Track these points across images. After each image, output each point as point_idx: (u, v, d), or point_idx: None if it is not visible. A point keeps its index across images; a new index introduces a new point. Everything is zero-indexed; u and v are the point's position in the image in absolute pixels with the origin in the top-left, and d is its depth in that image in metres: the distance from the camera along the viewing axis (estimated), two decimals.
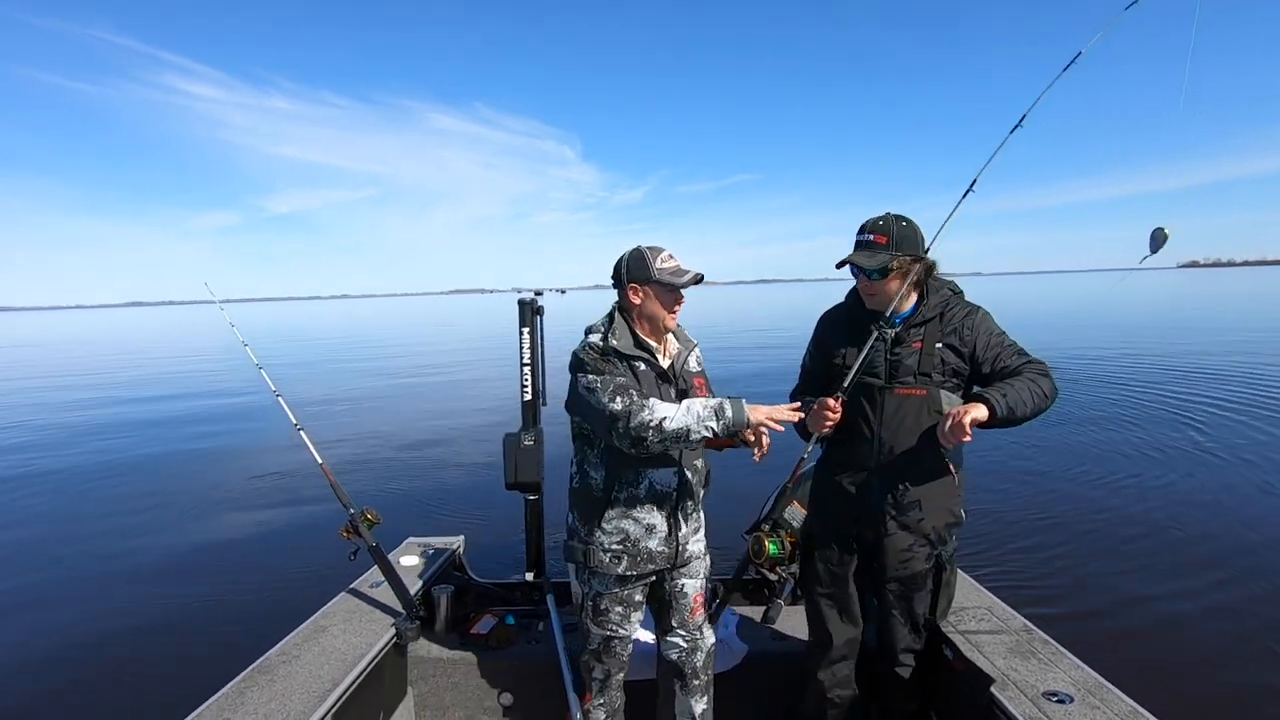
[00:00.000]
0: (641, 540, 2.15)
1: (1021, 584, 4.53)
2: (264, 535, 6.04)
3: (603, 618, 2.23)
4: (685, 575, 2.27)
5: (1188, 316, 31.20)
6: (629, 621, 2.25)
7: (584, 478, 2.20)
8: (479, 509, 6.42)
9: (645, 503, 2.14)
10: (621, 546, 2.15)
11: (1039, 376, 2.02)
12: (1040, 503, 6.25)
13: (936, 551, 2.19)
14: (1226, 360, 15.30)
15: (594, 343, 2.12)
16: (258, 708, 2.11)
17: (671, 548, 2.19)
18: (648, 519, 2.15)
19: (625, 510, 2.14)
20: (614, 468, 2.13)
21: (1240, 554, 5.01)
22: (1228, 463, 7.33)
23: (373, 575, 3.04)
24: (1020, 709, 2.01)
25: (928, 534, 2.16)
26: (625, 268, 2.15)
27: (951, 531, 2.22)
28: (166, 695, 3.55)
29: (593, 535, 2.16)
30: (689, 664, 2.32)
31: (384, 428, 10.56)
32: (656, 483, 2.14)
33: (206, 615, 4.54)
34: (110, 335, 44.00)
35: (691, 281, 2.12)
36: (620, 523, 2.15)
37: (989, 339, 2.11)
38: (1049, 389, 2.02)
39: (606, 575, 2.18)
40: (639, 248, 2.15)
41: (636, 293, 2.14)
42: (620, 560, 2.15)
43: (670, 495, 2.17)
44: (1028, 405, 1.96)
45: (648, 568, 2.18)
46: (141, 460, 9.03)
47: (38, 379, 18.91)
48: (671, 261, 2.13)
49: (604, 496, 2.15)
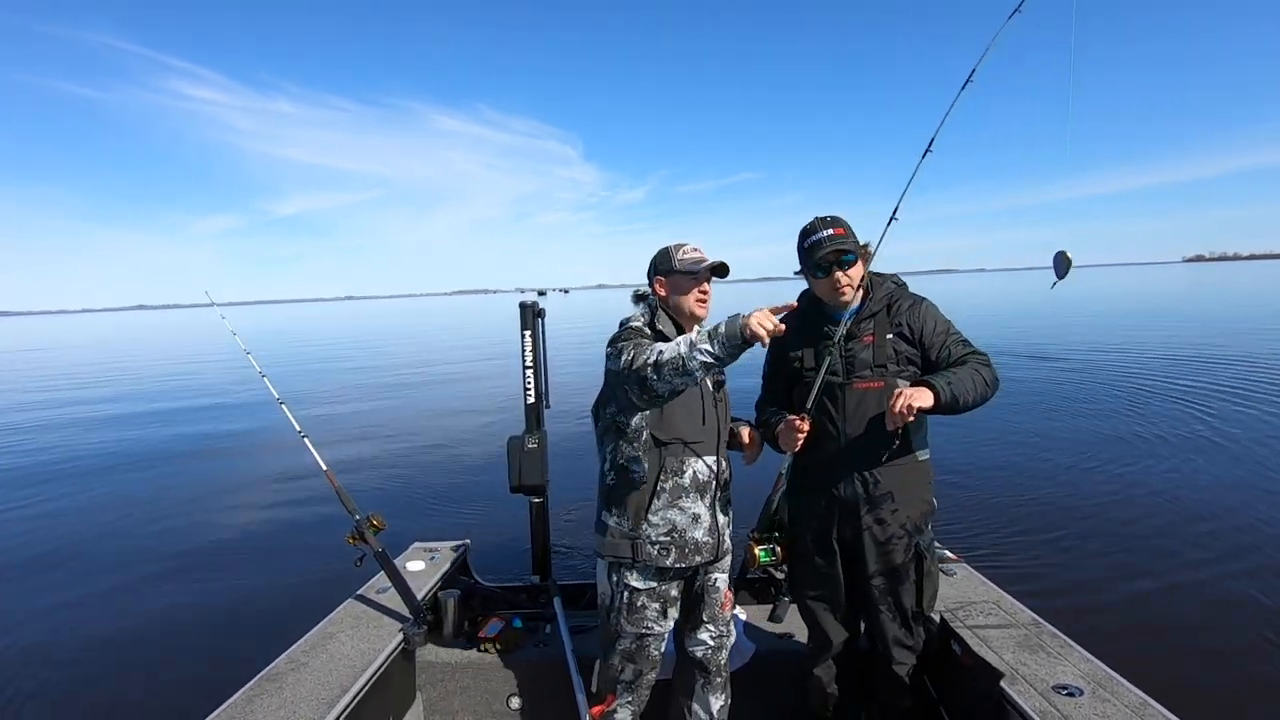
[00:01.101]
0: (688, 530, 2.13)
1: (1029, 577, 4.51)
2: (270, 543, 6.05)
3: (638, 615, 2.18)
4: (719, 569, 2.28)
5: (1196, 309, 31.07)
6: (664, 618, 2.21)
7: (622, 472, 2.15)
8: (484, 512, 6.43)
9: (690, 492, 2.13)
10: (669, 538, 2.12)
11: (981, 366, 2.10)
12: (1047, 495, 6.23)
13: (915, 541, 2.20)
14: (1237, 351, 15.25)
15: (636, 323, 2.16)
16: (266, 716, 2.11)
17: (715, 538, 2.19)
18: (693, 508, 2.14)
19: (671, 500, 2.12)
20: (659, 458, 2.11)
21: (1252, 547, 4.98)
22: (1240, 454, 7.29)
23: (379, 581, 3.05)
24: (1030, 703, 2.00)
25: (904, 524, 2.18)
26: (653, 264, 2.23)
27: (927, 520, 2.24)
28: (174, 705, 3.56)
29: (639, 528, 2.12)
30: (714, 660, 2.31)
31: (388, 432, 10.58)
32: (699, 472, 2.14)
33: (212, 623, 4.55)
34: (115, 340, 44.07)
35: (709, 269, 2.15)
36: (667, 513, 2.12)
37: (934, 326, 2.17)
38: (991, 379, 2.09)
39: (648, 569, 2.15)
40: (665, 246, 2.22)
41: (662, 285, 2.21)
42: (669, 552, 2.13)
43: (711, 484, 2.17)
44: (970, 394, 2.03)
45: (694, 560, 2.16)
46: (145, 468, 9.05)
47: (38, 387, 18.97)
48: (695, 253, 2.18)
49: (650, 487, 2.12)
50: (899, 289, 2.25)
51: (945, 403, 1.99)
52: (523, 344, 3.17)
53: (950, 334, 2.18)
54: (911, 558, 2.20)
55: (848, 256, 2.14)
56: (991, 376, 2.10)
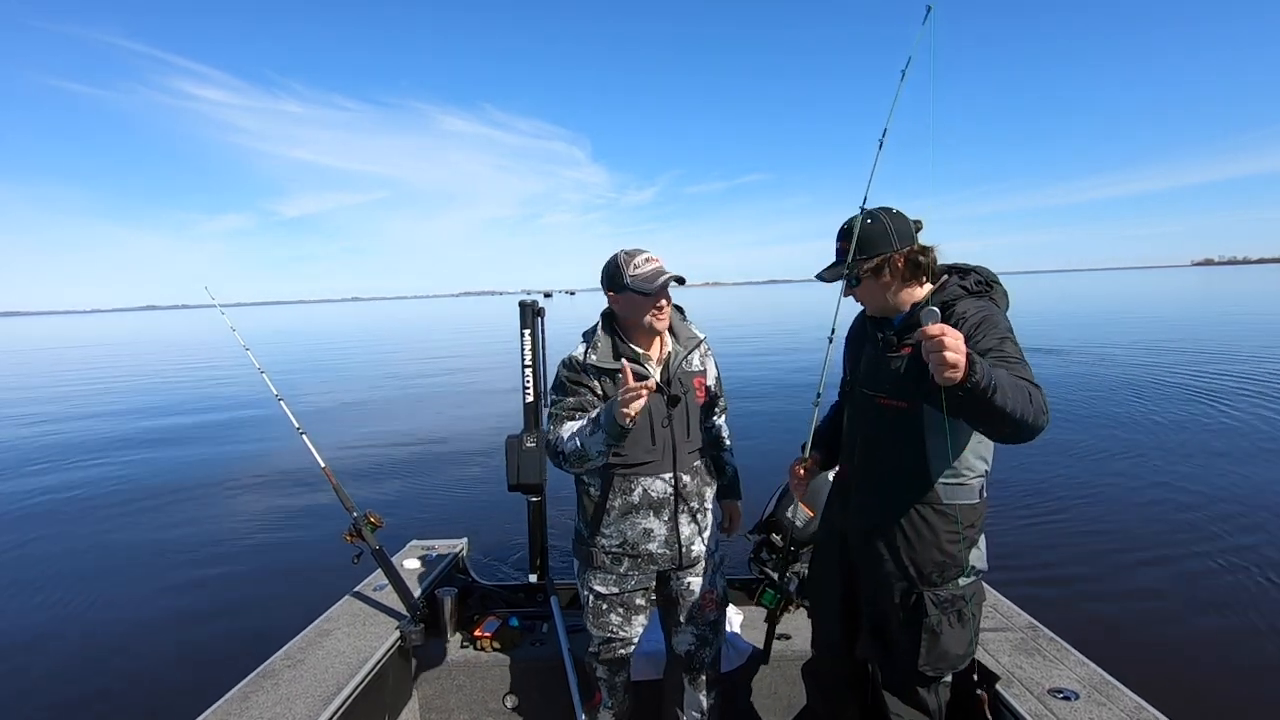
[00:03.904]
0: (640, 543, 2.16)
1: (1026, 581, 4.50)
2: (267, 540, 6.06)
3: (603, 619, 2.25)
4: (692, 574, 2.26)
5: (1196, 314, 30.98)
6: (629, 624, 2.26)
7: (580, 484, 2.23)
8: (482, 511, 6.42)
9: (642, 508, 2.14)
10: (621, 549, 2.17)
11: (1035, 390, 1.61)
12: (1044, 498, 6.21)
13: (919, 591, 1.85)
14: (1236, 351, 15.20)
15: (573, 357, 2.14)
16: (262, 713, 2.12)
17: (673, 549, 2.18)
18: (645, 524, 2.15)
19: (621, 515, 2.15)
20: (608, 477, 2.14)
21: (1252, 550, 4.97)
22: (1242, 457, 7.27)
23: (376, 579, 3.05)
24: (1026, 706, 2.00)
25: (905, 566, 1.86)
26: (605, 274, 2.12)
27: (944, 573, 1.85)
28: (170, 702, 3.57)
29: (594, 538, 2.19)
30: (698, 658, 2.32)
31: (387, 430, 10.59)
32: (651, 490, 2.14)
33: (209, 620, 4.55)
34: (122, 340, 44.21)
35: (662, 288, 2.03)
36: (619, 526, 2.16)
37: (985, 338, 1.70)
38: (1040, 405, 1.59)
39: (608, 575, 2.20)
40: (616, 254, 2.10)
41: (615, 300, 2.11)
42: (621, 561, 2.18)
43: (668, 500, 2.16)
44: (1011, 398, 1.50)
45: (649, 569, 2.19)
46: (144, 466, 9.07)
47: (43, 385, 19.04)
48: (648, 265, 2.05)
49: (600, 503, 2.17)
50: (969, 296, 1.84)
51: (979, 383, 1.43)
52: (522, 343, 3.17)
53: (1001, 350, 1.69)
54: (912, 605, 1.86)
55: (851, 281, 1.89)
56: (1041, 403, 1.59)
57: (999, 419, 1.51)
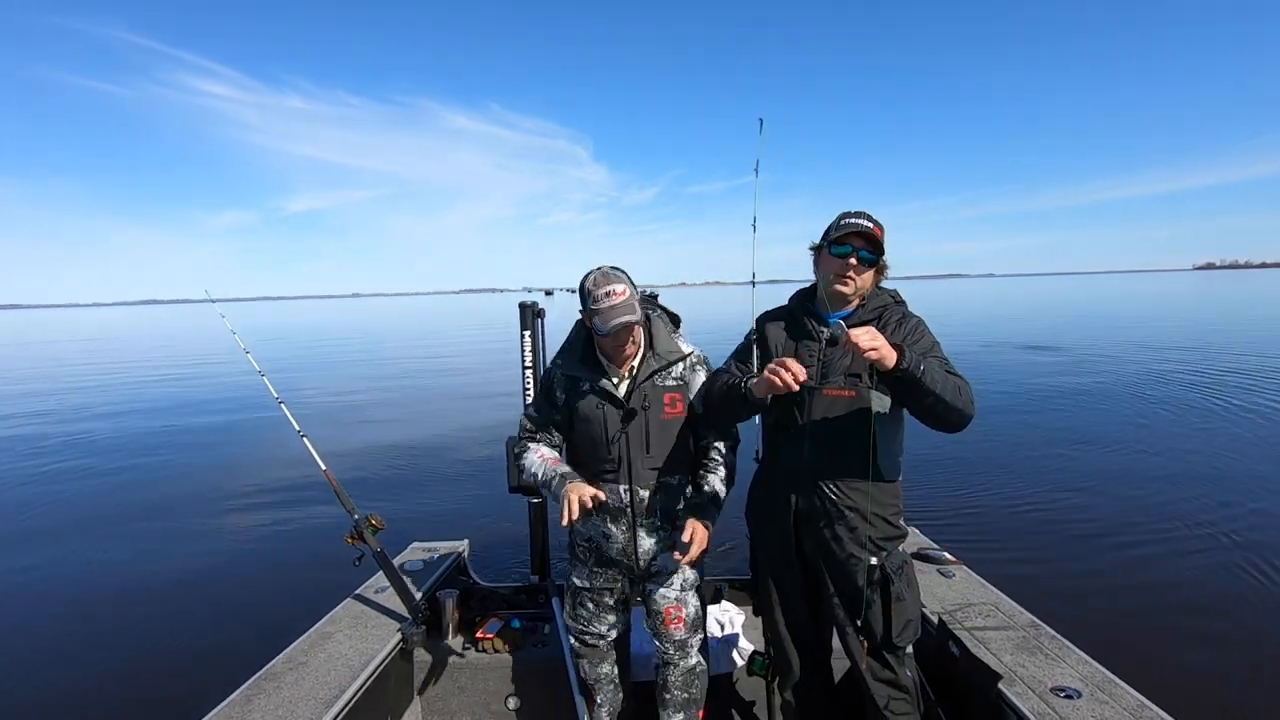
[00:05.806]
0: (601, 545, 2.28)
1: (1028, 579, 4.50)
2: (268, 543, 6.06)
3: (580, 611, 2.37)
4: (657, 585, 2.27)
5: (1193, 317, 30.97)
6: (599, 620, 2.36)
7: None
8: (483, 513, 6.43)
9: (599, 512, 2.21)
10: (588, 544, 2.32)
11: (963, 384, 1.94)
12: (1046, 498, 6.22)
13: (878, 565, 2.02)
14: (1241, 356, 15.19)
15: (550, 366, 2.30)
16: (264, 716, 2.12)
17: (629, 559, 2.23)
18: (603, 528, 2.25)
19: (587, 515, 2.12)
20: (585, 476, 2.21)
21: (1255, 548, 4.97)
22: (1242, 457, 7.27)
23: (378, 581, 3.05)
24: (1028, 705, 2.00)
25: (864, 544, 2.03)
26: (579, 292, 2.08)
27: (893, 543, 2.08)
28: (172, 705, 3.57)
29: (574, 533, 2.33)
30: (662, 677, 2.34)
31: (388, 431, 10.59)
32: (610, 498, 2.18)
33: (211, 623, 4.56)
34: (124, 335, 44.12)
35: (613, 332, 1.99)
36: (586, 524, 2.27)
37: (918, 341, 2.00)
38: (968, 397, 1.92)
39: (583, 569, 2.34)
40: (591, 274, 2.05)
41: (586, 318, 2.10)
42: (590, 556, 2.32)
43: (624, 510, 2.20)
44: (940, 386, 1.84)
45: (609, 569, 2.30)
46: (144, 466, 9.06)
47: (43, 380, 19.01)
48: (606, 302, 1.98)
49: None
50: (895, 304, 2.13)
51: (908, 369, 1.79)
52: (522, 344, 3.17)
53: (935, 352, 2.01)
54: (877, 580, 2.02)
55: (864, 253, 2.00)
56: (969, 395, 1.93)
57: (932, 400, 1.85)
